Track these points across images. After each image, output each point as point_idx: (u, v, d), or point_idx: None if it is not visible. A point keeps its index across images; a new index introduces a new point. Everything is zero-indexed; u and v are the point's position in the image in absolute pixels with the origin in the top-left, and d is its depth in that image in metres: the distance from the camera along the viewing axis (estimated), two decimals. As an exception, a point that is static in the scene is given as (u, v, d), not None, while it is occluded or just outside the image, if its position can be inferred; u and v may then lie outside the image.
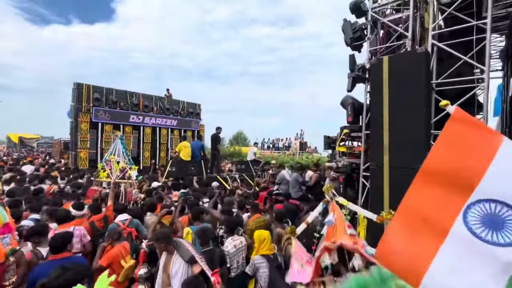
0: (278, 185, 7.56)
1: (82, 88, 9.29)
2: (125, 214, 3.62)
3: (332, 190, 2.89)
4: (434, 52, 3.13)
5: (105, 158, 6.39)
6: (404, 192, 2.61)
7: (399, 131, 2.83)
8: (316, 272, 2.59)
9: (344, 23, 3.68)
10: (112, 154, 6.11)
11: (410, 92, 2.76)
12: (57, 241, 2.45)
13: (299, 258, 2.72)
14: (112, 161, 5.75)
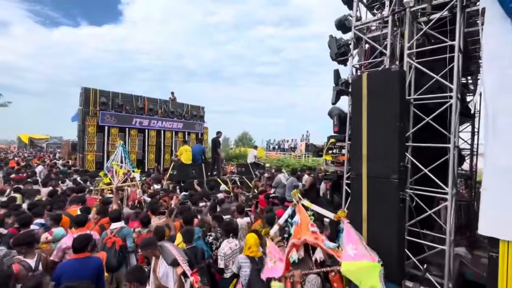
0: (275, 189, 7.75)
1: (89, 92, 9.65)
2: (119, 223, 3.71)
3: (299, 194, 3.22)
4: (413, 68, 3.31)
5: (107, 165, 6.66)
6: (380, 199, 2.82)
7: (376, 143, 3.00)
8: (287, 267, 2.83)
9: (330, 39, 3.88)
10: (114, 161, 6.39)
11: (386, 108, 2.93)
12: (80, 242, 2.68)
13: (272, 256, 2.96)
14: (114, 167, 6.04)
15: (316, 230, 2.93)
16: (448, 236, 2.74)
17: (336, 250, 2.72)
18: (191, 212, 4.41)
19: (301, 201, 3.21)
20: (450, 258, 2.73)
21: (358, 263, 2.46)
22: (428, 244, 2.96)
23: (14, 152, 25.41)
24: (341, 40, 3.85)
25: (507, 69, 2.23)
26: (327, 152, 4.29)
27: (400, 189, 2.85)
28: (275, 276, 2.87)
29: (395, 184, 2.84)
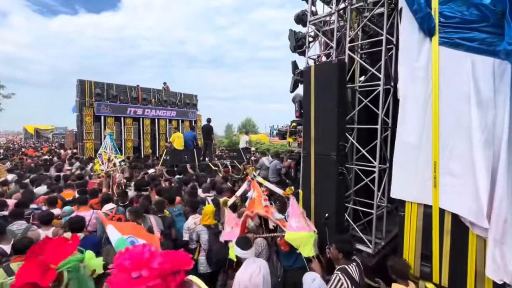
0: (258, 170, 8.26)
1: (85, 84, 9.97)
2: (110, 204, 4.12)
3: (253, 172, 3.70)
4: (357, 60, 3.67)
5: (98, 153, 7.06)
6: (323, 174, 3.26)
7: (321, 126, 3.41)
8: (242, 232, 3.33)
9: (289, 33, 4.19)
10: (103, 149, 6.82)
11: (328, 95, 3.31)
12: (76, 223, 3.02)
13: (229, 223, 3.45)
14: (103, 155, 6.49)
15: (267, 204, 3.40)
16: (375, 201, 3.21)
17: (283, 220, 3.19)
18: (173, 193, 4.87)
19: (255, 178, 3.68)
20: (374, 219, 3.22)
21: (298, 234, 2.91)
22: (364, 210, 3.44)
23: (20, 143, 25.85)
24: (300, 33, 4.17)
25: (414, 62, 2.61)
26: (290, 135, 4.71)
27: (338, 164, 3.30)
28: (232, 239, 3.38)
29: (334, 160, 3.29)
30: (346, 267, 2.34)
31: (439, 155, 2.43)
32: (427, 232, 2.57)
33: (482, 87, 2.18)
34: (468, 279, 2.35)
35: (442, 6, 2.38)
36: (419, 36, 2.55)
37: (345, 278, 2.24)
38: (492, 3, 2.05)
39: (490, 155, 2.10)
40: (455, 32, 2.32)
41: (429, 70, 2.48)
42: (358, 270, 2.41)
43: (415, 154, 2.60)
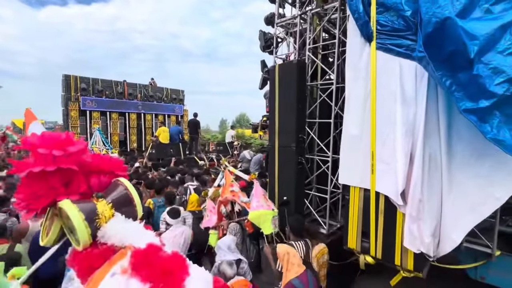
0: (240, 163, 8.57)
1: (70, 79, 9.99)
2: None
3: (226, 162, 4.02)
4: (319, 59, 3.96)
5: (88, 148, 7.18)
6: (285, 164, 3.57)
7: (283, 120, 3.71)
8: (219, 218, 3.64)
9: (259, 33, 4.46)
10: (93, 144, 6.95)
11: (289, 93, 3.62)
12: None
13: (208, 211, 3.76)
14: (94, 150, 6.62)
15: (234, 189, 3.73)
16: (329, 187, 3.56)
17: (248, 203, 3.52)
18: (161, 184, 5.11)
19: (227, 168, 4.01)
20: (328, 203, 3.57)
21: (258, 212, 3.24)
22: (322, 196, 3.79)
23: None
24: (269, 34, 4.43)
25: (357, 64, 2.92)
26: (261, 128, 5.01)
27: (297, 155, 3.62)
28: (210, 226, 3.70)
29: (294, 150, 3.60)
30: (293, 243, 2.66)
31: (376, 145, 2.76)
32: (366, 212, 2.92)
33: (406, 87, 2.51)
34: (396, 252, 2.73)
35: (379, 15, 2.69)
36: (360, 41, 2.85)
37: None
38: (411, 15, 2.37)
39: (409, 145, 2.45)
40: (388, 39, 2.63)
41: (368, 71, 2.79)
42: (305, 248, 2.71)
43: (357, 144, 2.94)
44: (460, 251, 3.25)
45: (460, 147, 2.43)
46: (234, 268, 2.42)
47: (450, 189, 2.47)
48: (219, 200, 3.75)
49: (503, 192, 2.32)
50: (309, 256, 2.76)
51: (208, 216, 3.68)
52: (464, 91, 2.07)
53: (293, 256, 2.36)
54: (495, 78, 1.92)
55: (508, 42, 1.91)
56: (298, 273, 2.28)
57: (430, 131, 2.46)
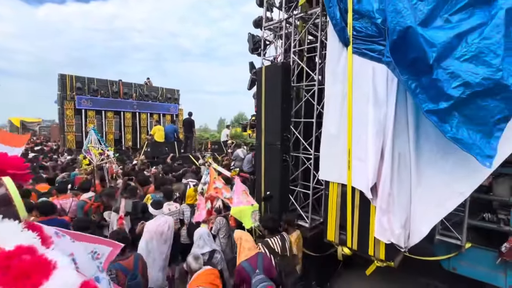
0: (233, 161, 8.72)
1: (66, 78, 10.04)
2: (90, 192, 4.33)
3: (210, 160, 4.17)
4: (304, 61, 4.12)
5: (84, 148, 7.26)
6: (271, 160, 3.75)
7: (269, 119, 3.87)
8: (208, 213, 3.79)
9: (248, 36, 4.61)
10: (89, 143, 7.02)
11: (274, 93, 3.78)
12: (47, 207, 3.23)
13: (199, 207, 3.91)
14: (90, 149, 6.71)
15: (217, 186, 3.89)
16: (311, 183, 3.73)
17: (231, 198, 3.68)
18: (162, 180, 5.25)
19: (212, 165, 4.16)
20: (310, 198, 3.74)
21: (238, 208, 3.40)
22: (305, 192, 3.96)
23: None
24: (257, 37, 4.58)
25: (335, 67, 3.09)
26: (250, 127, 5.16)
27: (282, 152, 3.78)
28: (200, 220, 3.85)
29: (278, 148, 3.76)
30: (268, 240, 2.82)
31: (352, 143, 2.94)
32: (343, 207, 3.09)
33: (378, 89, 2.68)
34: (370, 243, 2.90)
35: (355, 21, 2.85)
36: (339, 45, 3.02)
37: (263, 248, 2.72)
38: (382, 23, 2.53)
39: (380, 143, 2.62)
40: (362, 44, 2.80)
41: (345, 74, 2.96)
42: (281, 242, 2.86)
43: (335, 143, 3.10)
44: (434, 244, 3.46)
45: (427, 146, 2.60)
46: (199, 262, 2.52)
47: (418, 184, 2.65)
48: (205, 196, 3.90)
49: (467, 187, 2.50)
50: (285, 249, 2.90)
51: (198, 211, 3.83)
52: (426, 93, 2.24)
53: (245, 241, 2.61)
54: (452, 82, 2.10)
55: (464, 49, 2.08)
56: (247, 256, 2.51)
57: (399, 131, 2.63)
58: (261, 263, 2.46)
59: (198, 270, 2.42)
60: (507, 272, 3.14)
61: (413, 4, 2.21)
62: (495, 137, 2.19)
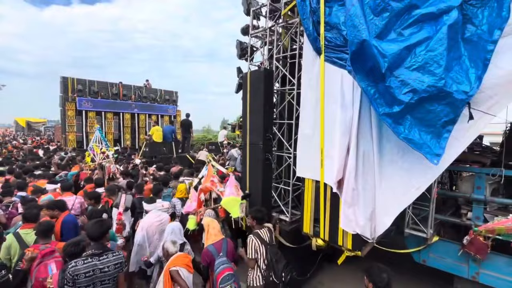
0: (228, 161, 8.98)
1: (67, 81, 10.36)
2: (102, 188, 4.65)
3: (210, 157, 4.44)
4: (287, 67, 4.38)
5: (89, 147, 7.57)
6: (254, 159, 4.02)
7: (253, 121, 4.12)
8: (199, 205, 4.05)
9: (236, 42, 4.87)
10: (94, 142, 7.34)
11: (258, 97, 4.04)
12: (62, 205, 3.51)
13: (191, 198, 4.18)
14: (94, 148, 7.02)
15: (213, 180, 4.17)
16: (291, 180, 3.98)
17: (223, 191, 3.95)
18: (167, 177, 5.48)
19: (210, 162, 4.44)
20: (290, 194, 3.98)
21: (228, 198, 3.67)
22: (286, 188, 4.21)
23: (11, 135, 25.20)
24: (244, 43, 4.85)
25: (310, 74, 3.35)
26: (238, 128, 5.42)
27: (264, 151, 4.02)
28: (190, 211, 4.12)
29: (261, 148, 4.01)
30: (258, 231, 2.99)
31: (324, 143, 3.19)
32: (317, 201, 3.34)
33: (346, 94, 2.93)
34: (339, 234, 3.15)
35: (327, 32, 3.11)
36: (312, 53, 3.27)
37: (256, 239, 2.90)
38: (347, 35, 2.78)
39: (346, 142, 2.87)
40: (333, 52, 3.05)
41: (318, 80, 3.21)
42: (269, 233, 3.08)
43: (310, 143, 3.36)
44: (406, 237, 3.70)
45: (388, 146, 2.85)
46: (176, 246, 2.76)
47: (380, 181, 2.89)
48: (200, 188, 4.18)
49: (422, 183, 2.75)
50: (272, 239, 3.14)
51: (191, 202, 4.10)
52: (383, 98, 2.49)
53: (212, 228, 2.97)
54: (402, 89, 2.35)
55: (413, 59, 2.34)
56: (214, 241, 2.87)
57: (364, 132, 2.88)
58: (225, 247, 2.80)
59: (174, 254, 2.67)
60: (469, 263, 3.38)
61: (370, 19, 2.46)
62: (444, 137, 2.43)
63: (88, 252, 2.29)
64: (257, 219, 3.13)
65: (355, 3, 2.43)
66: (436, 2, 2.34)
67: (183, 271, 2.53)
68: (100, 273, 2.22)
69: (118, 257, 2.36)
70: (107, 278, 2.26)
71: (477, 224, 3.31)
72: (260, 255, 2.83)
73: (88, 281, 2.15)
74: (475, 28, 2.41)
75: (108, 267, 2.27)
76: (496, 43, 2.30)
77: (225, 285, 2.60)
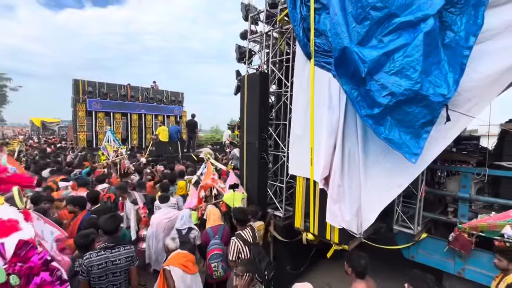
0: (231, 160, 9.20)
1: (78, 83, 10.78)
2: (104, 184, 4.91)
3: (209, 155, 4.66)
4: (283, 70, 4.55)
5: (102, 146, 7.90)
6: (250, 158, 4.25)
7: (250, 121, 4.31)
8: (199, 201, 4.27)
9: (235, 47, 5.07)
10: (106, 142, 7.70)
11: (254, 99, 4.22)
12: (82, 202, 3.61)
13: (191, 195, 4.40)
14: (107, 147, 7.37)
15: (214, 177, 4.39)
16: (285, 178, 4.15)
17: (224, 188, 4.17)
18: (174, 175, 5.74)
19: (209, 160, 4.66)
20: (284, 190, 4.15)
21: (230, 194, 3.87)
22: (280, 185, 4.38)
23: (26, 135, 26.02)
24: (243, 47, 5.04)
25: (301, 77, 3.51)
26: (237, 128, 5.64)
27: (260, 150, 4.21)
28: (191, 207, 4.33)
29: (256, 147, 4.20)
30: (241, 232, 3.03)
31: (314, 143, 3.35)
32: (307, 197, 3.50)
33: (333, 96, 3.08)
34: (327, 229, 3.30)
35: (316, 38, 3.26)
36: (303, 58, 3.44)
37: (238, 240, 2.94)
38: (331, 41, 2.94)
39: (332, 142, 3.02)
40: (322, 57, 3.21)
41: (309, 84, 3.37)
42: (252, 232, 3.10)
43: (301, 143, 3.52)
44: (395, 234, 3.83)
45: (373, 147, 2.99)
46: (176, 242, 2.86)
47: (365, 179, 3.03)
48: (200, 185, 4.40)
49: (404, 180, 2.89)
50: (255, 237, 3.18)
51: (191, 199, 4.33)
52: (364, 101, 2.64)
53: (213, 214, 3.42)
54: (382, 92, 2.50)
55: (391, 64, 2.48)
56: (212, 225, 3.25)
57: (350, 133, 3.03)
58: (221, 232, 3.15)
59: (175, 250, 2.77)
60: (455, 259, 3.49)
61: (352, 27, 2.62)
62: (422, 138, 2.56)
63: (101, 245, 2.48)
64: (237, 221, 3.13)
65: (338, 13, 2.59)
66: (414, 11, 2.48)
67: (177, 270, 2.55)
68: (112, 265, 2.38)
69: (129, 251, 2.52)
70: (119, 270, 2.42)
71: (462, 221, 3.42)
72: (244, 255, 2.88)
73: (101, 272, 2.33)
74: (454, 34, 2.54)
75: (119, 260, 2.43)
76: (471, 49, 2.42)
77: (213, 261, 2.98)
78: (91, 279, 2.30)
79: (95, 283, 2.32)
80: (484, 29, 2.43)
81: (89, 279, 2.29)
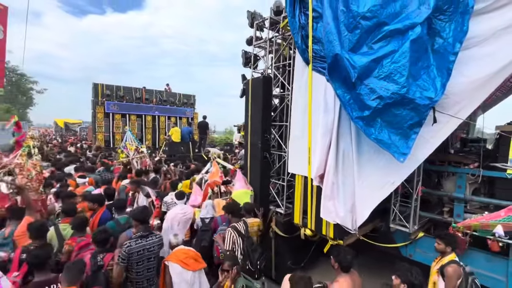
0: (240, 160, 9.47)
1: (98, 86, 11.42)
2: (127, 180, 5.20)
3: (215, 155, 4.94)
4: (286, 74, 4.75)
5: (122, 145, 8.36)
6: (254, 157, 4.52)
7: (253, 123, 4.55)
8: (203, 199, 4.53)
9: (242, 52, 5.32)
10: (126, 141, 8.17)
11: (257, 101, 4.45)
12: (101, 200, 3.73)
13: (195, 193, 4.67)
14: (127, 146, 7.82)
15: (221, 175, 4.66)
16: (286, 177, 4.34)
17: (231, 186, 4.42)
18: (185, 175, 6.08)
19: (215, 159, 4.94)
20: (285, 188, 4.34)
21: (239, 191, 4.12)
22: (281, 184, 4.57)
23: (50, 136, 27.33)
24: (249, 53, 5.28)
25: (300, 81, 3.70)
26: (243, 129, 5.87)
27: (262, 150, 4.43)
28: (195, 205, 4.61)
29: (259, 147, 4.42)
30: (235, 224, 3.30)
31: (311, 143, 3.53)
32: (305, 195, 3.68)
33: (328, 99, 3.25)
34: (323, 224, 3.47)
35: (314, 45, 3.45)
36: (302, 64, 3.63)
37: (234, 231, 3.20)
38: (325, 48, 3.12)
39: (326, 142, 3.19)
40: (319, 63, 3.39)
41: (307, 88, 3.55)
42: (245, 226, 3.34)
43: (299, 143, 3.70)
44: (393, 232, 3.93)
45: (366, 146, 3.13)
46: (177, 238, 2.95)
47: (359, 177, 3.18)
48: (207, 183, 4.67)
49: (396, 178, 3.02)
50: (248, 231, 3.39)
51: (195, 197, 4.59)
52: (356, 104, 2.81)
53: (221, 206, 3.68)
54: (371, 95, 2.66)
55: (380, 70, 2.64)
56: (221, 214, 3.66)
57: (344, 133, 3.19)
58: (228, 220, 3.44)
59: (176, 246, 2.85)
60: (451, 257, 3.55)
61: (344, 35, 2.79)
62: (411, 138, 2.70)
63: (137, 234, 2.74)
64: (232, 213, 3.41)
65: (330, 22, 2.77)
66: (403, 19, 2.63)
67: (175, 267, 2.59)
68: (147, 252, 2.68)
69: (160, 239, 2.86)
70: (153, 256, 2.74)
71: (457, 221, 3.49)
72: (238, 246, 3.12)
73: (138, 258, 2.62)
74: (442, 40, 2.66)
75: (153, 247, 2.74)
76: (457, 54, 2.54)
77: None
78: (129, 264, 2.57)
79: (132, 268, 2.60)
80: (473, 35, 2.55)
81: (127, 265, 2.56)
